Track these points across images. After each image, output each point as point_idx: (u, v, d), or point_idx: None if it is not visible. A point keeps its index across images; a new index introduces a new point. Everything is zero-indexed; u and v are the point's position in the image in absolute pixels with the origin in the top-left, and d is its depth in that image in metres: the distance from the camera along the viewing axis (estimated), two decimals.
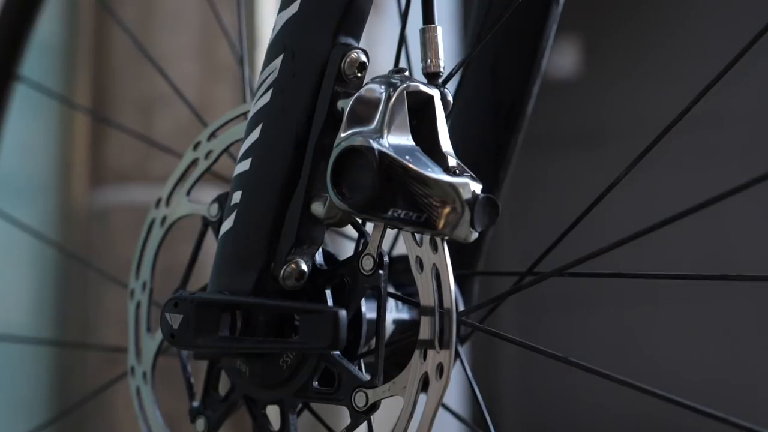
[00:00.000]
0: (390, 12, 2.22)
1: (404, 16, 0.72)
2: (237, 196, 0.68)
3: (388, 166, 0.60)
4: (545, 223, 3.23)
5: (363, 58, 0.66)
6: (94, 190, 2.06)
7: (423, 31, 0.67)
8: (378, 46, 2.17)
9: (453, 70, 0.68)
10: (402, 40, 0.72)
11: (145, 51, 1.13)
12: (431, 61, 0.66)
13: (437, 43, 0.66)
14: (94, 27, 2.09)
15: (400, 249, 0.83)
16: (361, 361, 0.68)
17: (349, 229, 0.74)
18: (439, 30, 0.67)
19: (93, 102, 2.06)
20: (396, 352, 0.69)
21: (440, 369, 0.61)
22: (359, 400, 0.64)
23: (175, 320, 0.66)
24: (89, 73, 2.07)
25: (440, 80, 0.66)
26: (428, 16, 0.67)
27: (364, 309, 0.67)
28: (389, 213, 0.60)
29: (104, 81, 2.05)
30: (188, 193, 0.77)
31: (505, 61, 0.79)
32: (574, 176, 3.42)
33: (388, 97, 0.62)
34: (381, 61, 2.16)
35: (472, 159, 0.68)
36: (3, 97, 0.97)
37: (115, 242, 2.01)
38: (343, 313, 0.62)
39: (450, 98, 0.65)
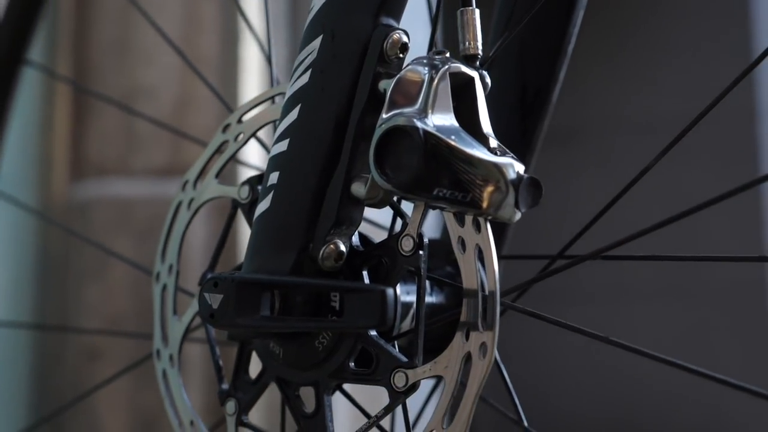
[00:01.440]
0: None
1: (438, 1, 0.72)
2: (274, 177, 0.68)
3: (434, 145, 0.60)
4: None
5: (405, 39, 0.66)
6: (75, 184, 2.04)
7: (461, 14, 0.67)
8: None
9: (491, 52, 0.68)
10: (435, 23, 0.73)
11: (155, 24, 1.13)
12: (470, 44, 0.66)
13: (475, 25, 0.67)
14: (74, 20, 2.07)
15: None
16: (395, 342, 0.68)
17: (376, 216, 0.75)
18: (477, 12, 0.67)
19: (73, 95, 2.04)
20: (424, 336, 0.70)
21: (483, 348, 0.62)
22: (399, 380, 0.64)
23: (214, 300, 0.66)
24: (69, 66, 2.05)
25: (478, 62, 0.66)
26: None
27: (399, 291, 0.67)
28: (434, 192, 0.61)
29: (85, 74, 2.03)
30: (217, 176, 0.76)
31: (533, 46, 0.80)
32: (544, 173, 3.44)
33: (432, 78, 0.62)
34: None
35: None
36: (13, 80, 0.96)
37: (95, 236, 1.99)
38: (390, 291, 0.63)
39: (488, 80, 0.66)
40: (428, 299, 0.74)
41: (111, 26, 2.03)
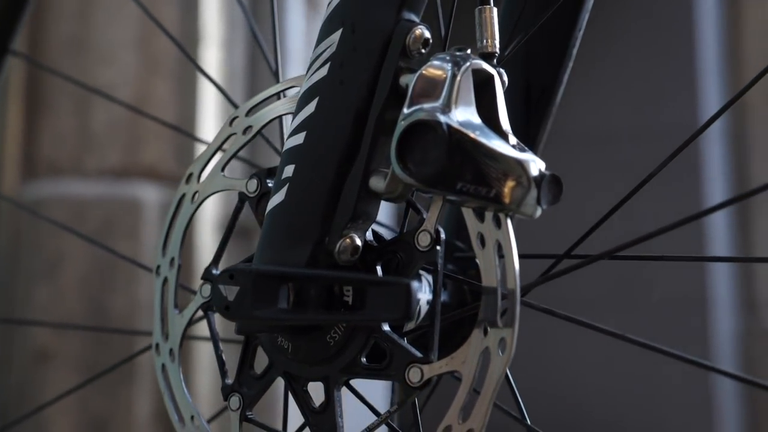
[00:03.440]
0: None
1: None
2: (289, 170, 0.68)
3: (458, 140, 0.61)
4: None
5: (427, 34, 0.66)
6: (26, 183, 2.01)
7: (479, 12, 0.68)
8: None
9: (508, 51, 0.69)
10: (451, 19, 0.73)
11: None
12: (487, 42, 0.67)
13: (493, 23, 0.67)
14: (29, 18, 2.03)
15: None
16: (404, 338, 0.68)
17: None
18: (495, 11, 0.68)
19: (28, 93, 2.01)
20: (425, 335, 0.69)
21: (503, 344, 0.62)
22: (413, 375, 0.64)
23: (230, 292, 0.65)
24: (25, 63, 2.02)
25: (495, 60, 0.67)
26: None
27: None
28: (458, 187, 0.61)
29: (40, 72, 2.00)
30: (223, 169, 0.76)
31: (539, 48, 0.81)
32: None
33: (455, 74, 0.63)
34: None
35: None
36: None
37: (47, 236, 1.96)
38: (415, 284, 0.63)
39: (506, 78, 0.66)
40: (422, 296, 0.74)
41: (68, 25, 2.01)
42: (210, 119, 2.01)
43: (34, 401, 1.92)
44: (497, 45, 0.67)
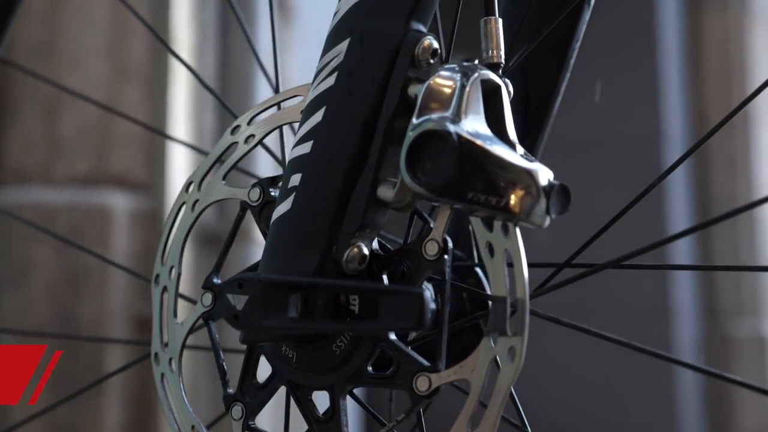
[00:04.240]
0: (302, 18, 2.22)
1: (457, 7, 0.73)
2: (296, 179, 0.67)
3: (469, 150, 0.61)
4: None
5: (435, 44, 0.66)
6: None
7: (484, 23, 0.68)
8: (290, 51, 2.16)
9: (512, 62, 0.69)
10: (454, 30, 0.73)
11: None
12: (493, 52, 0.68)
13: (498, 35, 0.68)
14: None
15: None
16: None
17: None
18: (500, 22, 0.68)
19: None
20: (428, 344, 0.70)
21: (512, 353, 0.62)
22: (421, 384, 0.64)
23: (238, 301, 0.65)
24: None
25: (500, 71, 0.67)
26: (489, 9, 0.68)
27: None
28: (468, 196, 0.61)
29: (7, 78, 1.98)
30: (224, 178, 0.75)
31: (536, 59, 0.81)
32: None
33: (464, 85, 0.63)
34: (293, 65, 2.16)
35: None
36: None
37: (15, 244, 1.94)
38: (428, 293, 0.63)
39: (511, 89, 0.67)
40: (431, 306, 0.74)
41: (36, 30, 1.98)
42: (180, 126, 2.00)
43: (1, 412, 1.89)
44: (503, 56, 0.67)
